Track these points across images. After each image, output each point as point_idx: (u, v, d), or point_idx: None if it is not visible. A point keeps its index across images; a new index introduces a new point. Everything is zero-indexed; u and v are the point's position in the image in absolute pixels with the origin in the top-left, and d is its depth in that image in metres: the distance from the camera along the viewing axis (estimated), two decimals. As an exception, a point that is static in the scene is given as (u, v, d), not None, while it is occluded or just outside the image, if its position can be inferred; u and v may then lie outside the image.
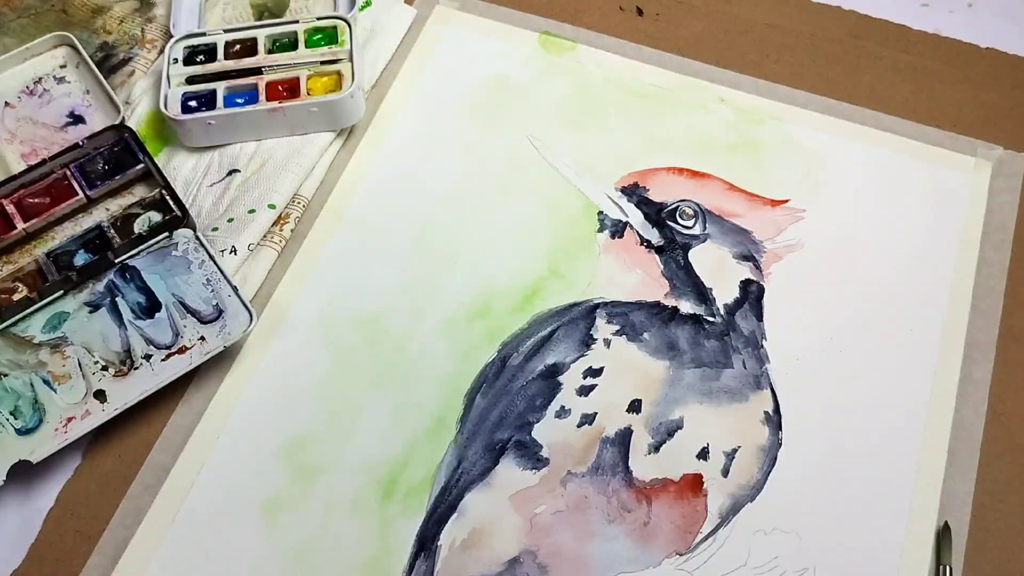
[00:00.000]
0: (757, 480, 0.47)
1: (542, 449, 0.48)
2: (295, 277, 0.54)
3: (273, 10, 0.62)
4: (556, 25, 0.61)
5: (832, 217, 0.54)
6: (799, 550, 0.45)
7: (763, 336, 0.50)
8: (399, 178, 0.57)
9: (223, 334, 0.50)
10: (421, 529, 0.46)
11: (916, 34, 0.60)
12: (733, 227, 0.54)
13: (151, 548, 0.47)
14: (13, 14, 0.63)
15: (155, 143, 0.58)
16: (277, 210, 0.54)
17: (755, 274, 0.52)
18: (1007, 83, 0.58)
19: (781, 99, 0.58)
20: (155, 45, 0.62)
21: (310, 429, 0.49)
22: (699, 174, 0.56)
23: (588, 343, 0.50)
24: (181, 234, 0.53)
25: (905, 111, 0.57)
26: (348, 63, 0.57)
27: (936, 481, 0.46)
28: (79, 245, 0.53)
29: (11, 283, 0.52)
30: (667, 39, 0.61)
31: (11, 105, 0.58)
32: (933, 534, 0.45)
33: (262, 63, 0.58)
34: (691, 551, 0.45)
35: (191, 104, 0.56)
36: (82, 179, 0.55)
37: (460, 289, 0.53)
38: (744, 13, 0.61)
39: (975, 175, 0.55)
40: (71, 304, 0.52)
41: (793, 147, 0.56)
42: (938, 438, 0.47)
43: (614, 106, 0.58)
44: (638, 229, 0.54)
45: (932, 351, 0.50)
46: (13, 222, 0.53)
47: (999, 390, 0.49)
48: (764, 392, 0.49)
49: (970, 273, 0.52)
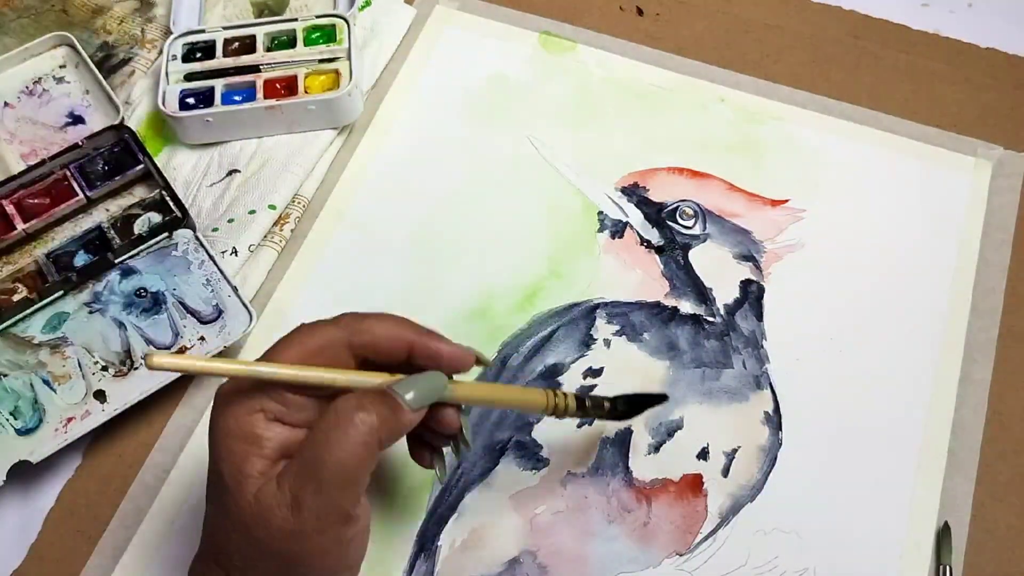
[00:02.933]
0: (757, 480, 0.47)
1: (542, 449, 0.48)
2: (295, 277, 0.54)
3: (273, 8, 0.62)
4: (556, 25, 0.61)
5: (832, 217, 0.54)
6: (799, 550, 0.45)
7: (763, 336, 0.50)
8: (399, 178, 0.57)
9: (223, 334, 0.50)
10: (421, 529, 0.46)
11: (916, 34, 0.60)
12: (733, 227, 0.54)
13: (151, 548, 0.47)
14: (13, 14, 0.63)
15: (155, 143, 0.58)
16: (277, 210, 0.54)
17: (755, 274, 0.52)
18: (1007, 83, 0.58)
19: (781, 99, 0.58)
20: (155, 45, 0.62)
21: (310, 429, 0.49)
22: (699, 174, 0.56)
23: (588, 343, 0.50)
24: (181, 234, 0.53)
25: (905, 111, 0.57)
26: (346, 61, 0.57)
27: (936, 481, 0.47)
28: (79, 246, 0.53)
29: (11, 284, 0.52)
30: (667, 39, 0.61)
31: (11, 105, 0.58)
32: (933, 534, 0.45)
33: (260, 61, 0.58)
34: (691, 551, 0.45)
35: (189, 101, 0.56)
36: (82, 179, 0.54)
37: (460, 289, 0.53)
38: (744, 13, 0.61)
39: (975, 175, 0.55)
40: (71, 305, 0.52)
41: (793, 147, 0.56)
42: (938, 438, 0.47)
43: (614, 106, 0.58)
44: (638, 229, 0.54)
45: (932, 351, 0.50)
46: (13, 223, 0.53)
47: (999, 390, 0.49)
48: (764, 392, 0.49)
49: (970, 273, 0.52)
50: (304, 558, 0.35)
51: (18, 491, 0.49)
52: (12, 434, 0.48)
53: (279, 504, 0.34)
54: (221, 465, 0.35)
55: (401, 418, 0.35)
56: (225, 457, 0.35)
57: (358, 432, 0.34)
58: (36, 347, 0.50)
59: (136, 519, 0.47)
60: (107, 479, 0.49)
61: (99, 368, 0.50)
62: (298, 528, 0.34)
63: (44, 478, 0.49)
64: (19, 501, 0.49)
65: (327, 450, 0.34)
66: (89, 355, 0.50)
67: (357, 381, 0.36)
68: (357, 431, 0.34)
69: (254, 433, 0.35)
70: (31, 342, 0.51)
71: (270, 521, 0.34)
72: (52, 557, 0.47)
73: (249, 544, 0.35)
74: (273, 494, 0.34)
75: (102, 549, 0.47)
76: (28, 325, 0.51)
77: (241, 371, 0.35)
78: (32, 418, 0.49)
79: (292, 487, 0.34)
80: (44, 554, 0.47)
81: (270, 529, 0.34)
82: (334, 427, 0.34)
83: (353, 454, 0.34)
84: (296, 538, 0.34)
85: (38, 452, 0.47)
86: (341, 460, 0.34)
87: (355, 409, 0.35)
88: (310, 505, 0.34)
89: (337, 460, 0.34)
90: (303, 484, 0.34)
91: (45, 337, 0.51)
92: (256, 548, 0.35)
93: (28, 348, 0.50)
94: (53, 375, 0.50)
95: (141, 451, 0.49)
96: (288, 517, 0.34)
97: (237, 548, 0.36)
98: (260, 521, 0.34)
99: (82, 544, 0.47)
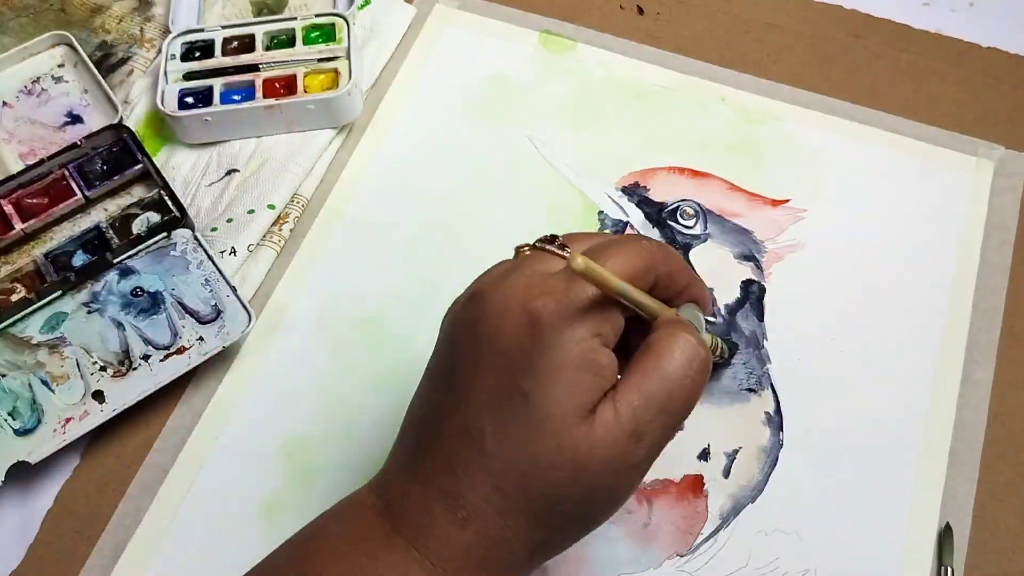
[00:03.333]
0: (758, 481, 0.47)
1: (542, 450, 0.48)
2: (294, 277, 0.54)
3: (272, 7, 0.62)
4: (556, 24, 0.61)
5: (833, 217, 0.54)
6: (800, 551, 0.45)
7: (764, 336, 0.50)
8: (399, 178, 0.57)
9: (222, 334, 0.50)
10: (421, 530, 0.46)
11: (918, 33, 0.60)
12: (734, 227, 0.53)
13: (150, 548, 0.47)
14: (12, 13, 0.63)
15: (154, 143, 0.58)
16: (276, 210, 0.54)
17: (756, 274, 0.52)
18: (1009, 83, 0.58)
19: (782, 99, 0.58)
20: (154, 44, 0.61)
21: (309, 429, 0.49)
22: (700, 174, 0.55)
23: (588, 343, 0.50)
24: (180, 234, 0.53)
25: (906, 111, 0.57)
26: (345, 60, 0.57)
27: (937, 482, 0.46)
28: (77, 246, 0.53)
29: (9, 284, 0.52)
30: (668, 38, 0.60)
31: (9, 105, 0.58)
32: (935, 535, 0.45)
33: (259, 60, 0.57)
34: (692, 552, 0.45)
35: (188, 100, 0.56)
36: (80, 179, 0.54)
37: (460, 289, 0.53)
38: (745, 12, 0.61)
39: (976, 175, 0.55)
40: (69, 305, 0.51)
41: (794, 147, 0.56)
42: (939, 439, 0.47)
43: (614, 105, 0.58)
44: (639, 229, 0.54)
45: (933, 351, 0.50)
46: (11, 223, 0.53)
47: (1000, 390, 0.48)
48: (765, 392, 0.49)
49: (971, 273, 0.52)
50: (623, 492, 0.33)
51: (16, 492, 0.49)
52: (10, 434, 0.48)
53: (623, 435, 0.31)
54: (550, 393, 0.31)
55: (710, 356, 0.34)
56: (559, 385, 0.31)
57: (701, 363, 0.33)
58: (34, 347, 0.50)
59: (135, 519, 0.47)
60: (106, 479, 0.48)
61: (97, 368, 0.50)
62: (636, 460, 0.32)
63: (42, 479, 0.49)
64: (17, 502, 0.48)
65: (680, 381, 0.32)
66: (87, 355, 0.50)
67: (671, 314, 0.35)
68: (701, 362, 0.33)
69: (597, 361, 0.32)
70: (29, 342, 0.50)
71: (610, 455, 0.31)
72: (50, 557, 0.47)
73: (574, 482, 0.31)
74: (615, 424, 0.31)
75: (100, 549, 0.47)
76: (26, 325, 0.51)
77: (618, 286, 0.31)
78: (30, 418, 0.48)
79: (637, 417, 0.31)
80: (42, 554, 0.47)
81: (609, 463, 0.31)
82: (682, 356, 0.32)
83: (700, 384, 0.33)
84: (630, 471, 0.32)
85: (36, 453, 0.47)
86: (693, 390, 0.33)
87: (698, 344, 0.33)
88: (654, 437, 0.32)
89: (689, 390, 0.33)
90: (649, 415, 0.32)
91: (43, 337, 0.51)
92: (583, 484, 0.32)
93: (26, 348, 0.50)
94: (51, 375, 0.50)
95: (140, 451, 0.49)
96: (631, 449, 0.31)
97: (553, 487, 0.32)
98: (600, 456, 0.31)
99: (80, 544, 0.47)
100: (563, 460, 0.31)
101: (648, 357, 0.33)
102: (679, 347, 0.33)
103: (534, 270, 0.34)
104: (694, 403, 0.33)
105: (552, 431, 0.31)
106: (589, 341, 0.32)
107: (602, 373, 0.32)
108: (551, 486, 0.32)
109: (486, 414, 0.32)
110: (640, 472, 0.33)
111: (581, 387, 0.31)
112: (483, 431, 0.32)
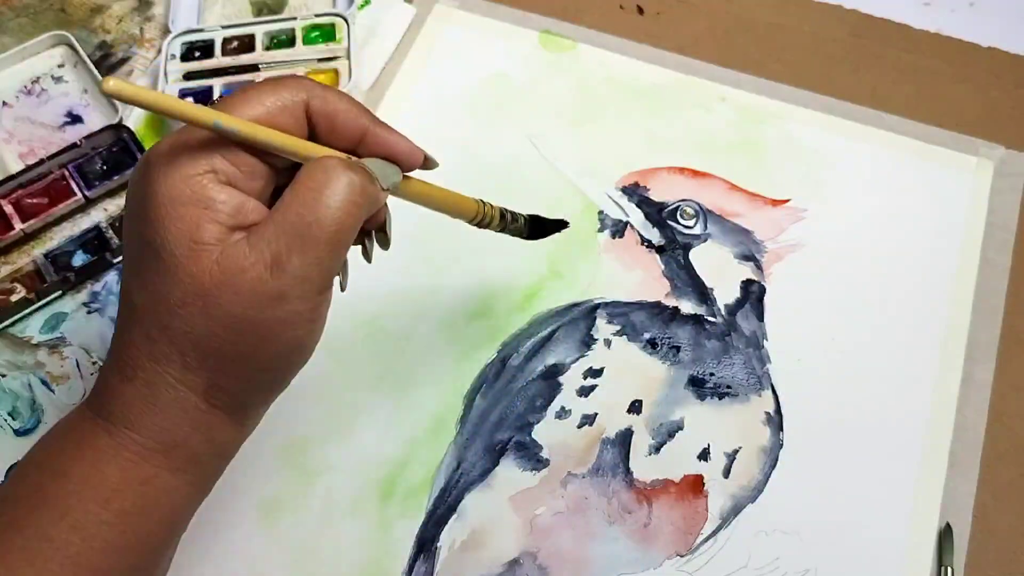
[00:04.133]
0: (758, 481, 0.47)
1: (542, 450, 0.48)
2: (294, 277, 0.53)
3: (272, 7, 0.62)
4: (556, 24, 0.61)
5: (833, 217, 0.54)
6: (800, 551, 0.45)
7: (764, 336, 0.50)
8: (399, 177, 0.56)
9: (222, 334, 0.50)
10: (420, 530, 0.46)
11: (918, 33, 0.60)
12: (734, 227, 0.53)
13: (150, 549, 0.46)
14: (12, 13, 0.63)
15: (153, 143, 0.58)
16: (276, 210, 0.54)
17: (756, 274, 0.52)
18: (1009, 82, 0.58)
19: (782, 98, 0.58)
20: (153, 44, 0.61)
21: (309, 430, 0.49)
22: (700, 173, 0.55)
23: (588, 343, 0.50)
24: (180, 234, 0.53)
25: (907, 110, 0.57)
26: (345, 61, 0.57)
27: (938, 482, 0.46)
28: (77, 246, 0.53)
29: (9, 284, 0.52)
30: (668, 38, 0.60)
31: (9, 105, 0.58)
32: (935, 535, 0.45)
33: (259, 60, 0.57)
34: (692, 552, 0.45)
35: (188, 100, 0.56)
36: (80, 179, 0.54)
37: (460, 289, 0.53)
38: (745, 12, 0.61)
39: (977, 175, 0.55)
40: (69, 305, 0.51)
41: (795, 146, 0.56)
42: (940, 439, 0.47)
43: (614, 105, 0.58)
44: (639, 229, 0.54)
45: (934, 351, 0.50)
46: (11, 223, 0.53)
47: (1001, 391, 0.48)
48: (765, 393, 0.49)
49: (972, 273, 0.52)
50: (275, 325, 0.33)
51: (16, 492, 0.49)
52: (10, 435, 0.48)
53: (253, 265, 0.32)
54: (162, 234, 0.32)
55: (377, 191, 0.34)
56: (169, 225, 0.32)
57: (352, 191, 0.33)
58: (34, 347, 0.50)
59: (135, 520, 0.47)
60: (105, 480, 0.48)
61: (97, 368, 0.50)
62: (277, 291, 0.32)
63: (42, 479, 0.49)
64: (17, 502, 0.48)
65: (319, 208, 0.32)
66: (87, 355, 0.50)
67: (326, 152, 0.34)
68: (351, 190, 0.33)
69: (207, 196, 0.32)
70: (29, 342, 0.50)
71: (240, 285, 0.32)
72: (50, 558, 0.47)
73: (207, 316, 0.32)
74: (244, 255, 0.32)
75: (100, 550, 0.47)
76: (26, 325, 0.51)
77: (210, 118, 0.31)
78: (30, 419, 0.48)
79: (272, 248, 0.32)
80: (42, 555, 0.47)
81: (241, 294, 0.32)
82: (325, 185, 0.32)
83: (348, 212, 0.33)
84: (272, 302, 0.32)
85: (36, 453, 0.47)
86: (335, 218, 0.32)
87: (345, 169, 0.33)
88: (295, 266, 0.32)
89: (331, 217, 0.32)
90: (287, 244, 0.32)
91: (43, 337, 0.51)
92: (218, 318, 0.32)
93: (26, 348, 0.50)
94: (51, 375, 0.50)
95: (140, 452, 0.49)
96: (266, 279, 0.32)
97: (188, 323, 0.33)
98: (227, 287, 0.32)
99: (80, 545, 0.47)
100: (188, 294, 0.32)
101: (288, 191, 0.33)
102: (321, 177, 0.33)
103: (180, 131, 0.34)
104: (347, 234, 0.33)
105: (171, 268, 0.32)
106: (198, 177, 0.32)
107: (213, 207, 0.32)
108: (186, 323, 0.32)
109: (130, 274, 0.34)
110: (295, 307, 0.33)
111: (189, 221, 0.32)
112: (131, 291, 0.34)
